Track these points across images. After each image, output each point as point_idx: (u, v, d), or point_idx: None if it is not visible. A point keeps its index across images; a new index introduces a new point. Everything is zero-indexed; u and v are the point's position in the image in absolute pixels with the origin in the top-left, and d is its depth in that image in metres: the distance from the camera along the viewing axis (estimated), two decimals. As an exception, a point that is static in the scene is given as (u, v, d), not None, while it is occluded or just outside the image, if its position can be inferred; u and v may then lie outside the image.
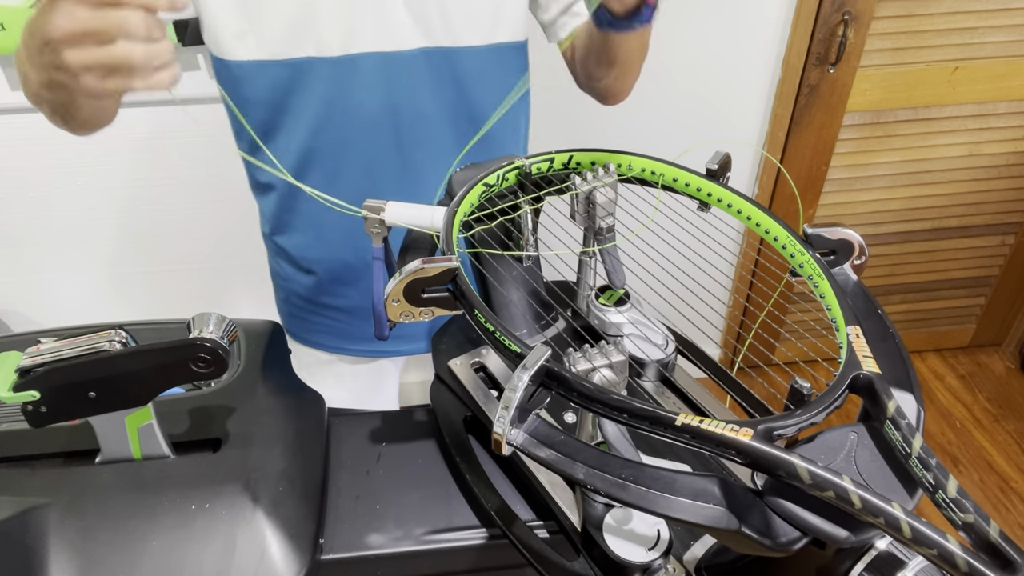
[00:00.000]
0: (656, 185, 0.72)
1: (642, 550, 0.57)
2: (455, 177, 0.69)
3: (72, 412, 0.60)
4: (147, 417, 0.63)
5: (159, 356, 0.59)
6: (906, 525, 0.38)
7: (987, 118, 1.83)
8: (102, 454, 0.64)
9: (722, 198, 0.70)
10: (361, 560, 0.64)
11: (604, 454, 0.46)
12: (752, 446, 0.41)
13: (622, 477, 0.45)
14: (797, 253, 0.64)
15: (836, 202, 1.94)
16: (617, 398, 0.44)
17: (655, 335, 0.70)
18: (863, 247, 0.63)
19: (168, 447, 0.65)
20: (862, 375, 0.49)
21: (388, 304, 0.54)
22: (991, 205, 1.98)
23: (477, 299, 0.52)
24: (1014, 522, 1.82)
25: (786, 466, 0.40)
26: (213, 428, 0.68)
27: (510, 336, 0.49)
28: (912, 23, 1.66)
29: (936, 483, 0.41)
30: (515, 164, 0.69)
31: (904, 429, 0.44)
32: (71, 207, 1.64)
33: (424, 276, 0.53)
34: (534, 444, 0.45)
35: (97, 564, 0.57)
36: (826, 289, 0.60)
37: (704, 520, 0.43)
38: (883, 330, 0.56)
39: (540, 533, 0.65)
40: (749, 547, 0.43)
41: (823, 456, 0.44)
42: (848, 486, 0.39)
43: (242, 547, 0.59)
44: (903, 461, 0.43)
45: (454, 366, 0.75)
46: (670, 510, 0.44)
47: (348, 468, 0.72)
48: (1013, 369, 2.26)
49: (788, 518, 0.42)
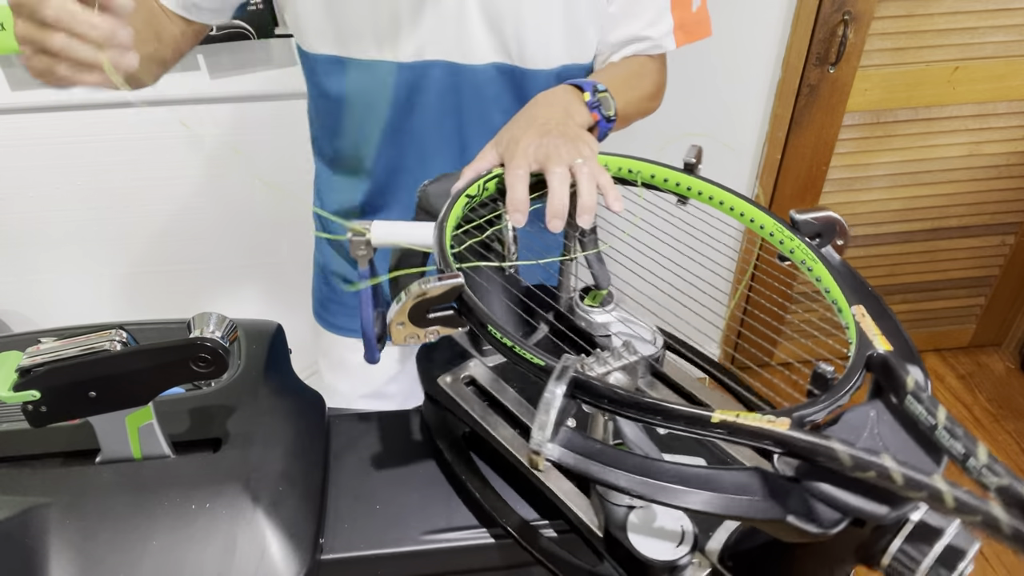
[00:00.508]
0: (636, 183, 0.72)
1: (670, 547, 0.56)
2: (430, 190, 0.67)
3: (72, 412, 0.60)
4: (147, 417, 0.63)
5: (159, 356, 0.59)
6: (950, 496, 0.38)
7: (987, 118, 1.83)
8: (102, 454, 0.64)
9: (703, 191, 0.70)
10: (361, 560, 0.64)
11: (644, 459, 0.45)
12: (791, 436, 0.42)
13: (665, 480, 0.44)
14: (786, 239, 0.64)
15: (836, 202, 1.94)
16: (650, 401, 0.44)
17: (643, 331, 0.70)
18: (845, 227, 0.64)
19: (168, 447, 0.65)
20: (876, 353, 0.50)
21: (393, 328, 0.52)
22: (991, 205, 1.98)
23: (488, 314, 0.51)
24: (1014, 522, 1.82)
25: (826, 452, 0.40)
26: (213, 428, 0.68)
27: (531, 349, 0.48)
28: (912, 23, 1.66)
29: (967, 451, 0.42)
30: (494, 173, 0.68)
31: (926, 402, 0.44)
32: (71, 207, 1.64)
33: (430, 296, 0.51)
34: (572, 457, 0.45)
35: (97, 564, 0.57)
36: (821, 272, 0.60)
37: (752, 514, 0.43)
38: (879, 307, 0.57)
39: (547, 532, 0.64)
40: (793, 534, 0.43)
41: (849, 436, 0.44)
42: (890, 464, 0.39)
43: (242, 547, 0.59)
44: (928, 433, 0.44)
45: (444, 384, 0.73)
46: (718, 508, 0.44)
47: (348, 468, 0.72)
48: (1013, 369, 2.26)
49: (828, 501, 0.42)
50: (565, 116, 0.73)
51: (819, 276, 0.60)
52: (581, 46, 0.89)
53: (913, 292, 2.15)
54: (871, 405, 0.47)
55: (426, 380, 0.74)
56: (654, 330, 0.70)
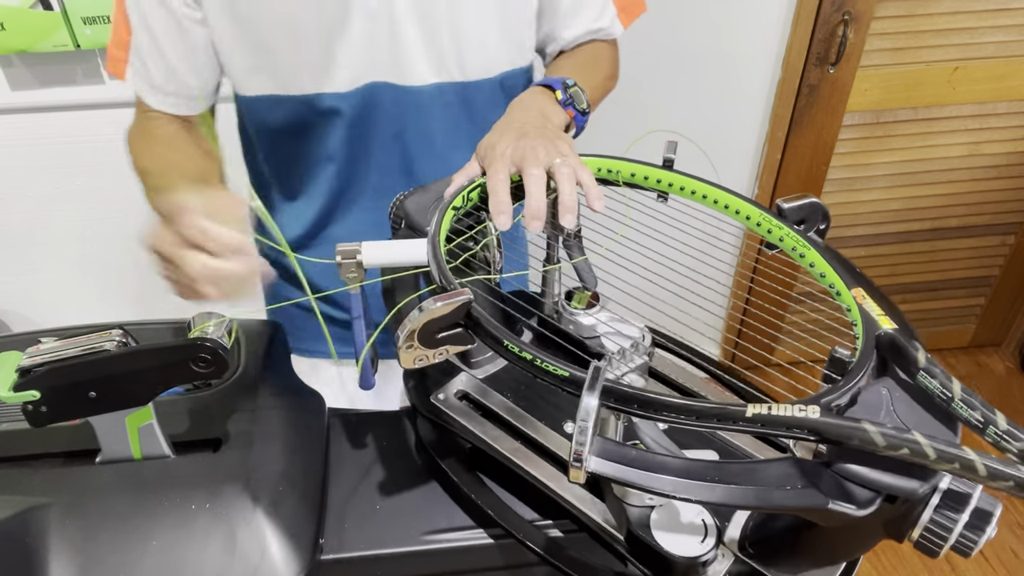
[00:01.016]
0: (618, 184, 0.72)
1: (695, 542, 0.56)
2: (408, 205, 0.66)
3: (72, 412, 0.60)
4: (147, 417, 0.63)
5: (159, 356, 0.59)
6: (981, 465, 0.39)
7: (987, 118, 1.83)
8: (102, 454, 0.64)
9: (684, 186, 0.69)
10: (361, 560, 0.64)
11: (683, 461, 0.45)
12: (824, 421, 0.42)
13: (707, 480, 0.44)
14: (774, 228, 0.64)
15: (836, 202, 1.94)
16: (681, 402, 0.44)
17: (631, 330, 0.70)
18: (826, 212, 0.65)
19: (169, 447, 0.65)
20: (883, 333, 0.51)
21: (402, 352, 0.50)
22: (991, 205, 1.98)
23: (503, 329, 0.50)
24: (1014, 522, 1.82)
25: (860, 434, 0.41)
26: (213, 428, 0.68)
27: (554, 360, 0.47)
28: (912, 23, 1.66)
29: (985, 419, 0.43)
30: (478, 182, 0.67)
31: (940, 376, 0.45)
32: (71, 207, 1.64)
33: (440, 315, 0.50)
34: (611, 467, 0.45)
35: (97, 564, 0.57)
36: (815, 257, 0.60)
37: (796, 503, 0.43)
38: (872, 288, 0.57)
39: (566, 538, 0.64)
40: (832, 518, 0.44)
41: (869, 415, 0.45)
42: (922, 440, 0.40)
43: (242, 547, 0.59)
44: (945, 405, 0.45)
45: (439, 401, 0.71)
46: (763, 502, 0.44)
47: (348, 468, 0.72)
48: (1013, 369, 2.26)
49: (862, 482, 0.43)
50: (541, 118, 0.73)
51: (812, 262, 0.61)
52: (520, 50, 0.90)
53: (913, 292, 2.15)
54: (881, 383, 0.48)
55: (420, 400, 0.71)
56: (642, 328, 0.70)
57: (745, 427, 0.43)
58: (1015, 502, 1.87)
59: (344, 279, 0.60)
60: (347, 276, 0.60)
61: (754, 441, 0.67)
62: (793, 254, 0.63)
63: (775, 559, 0.56)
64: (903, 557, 1.73)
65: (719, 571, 0.56)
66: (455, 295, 0.50)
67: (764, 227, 0.65)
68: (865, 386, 0.48)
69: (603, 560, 0.61)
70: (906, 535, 0.44)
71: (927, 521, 0.42)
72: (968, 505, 0.42)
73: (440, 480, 0.70)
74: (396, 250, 0.59)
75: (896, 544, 0.50)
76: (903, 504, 0.43)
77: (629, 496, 0.58)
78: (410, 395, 0.72)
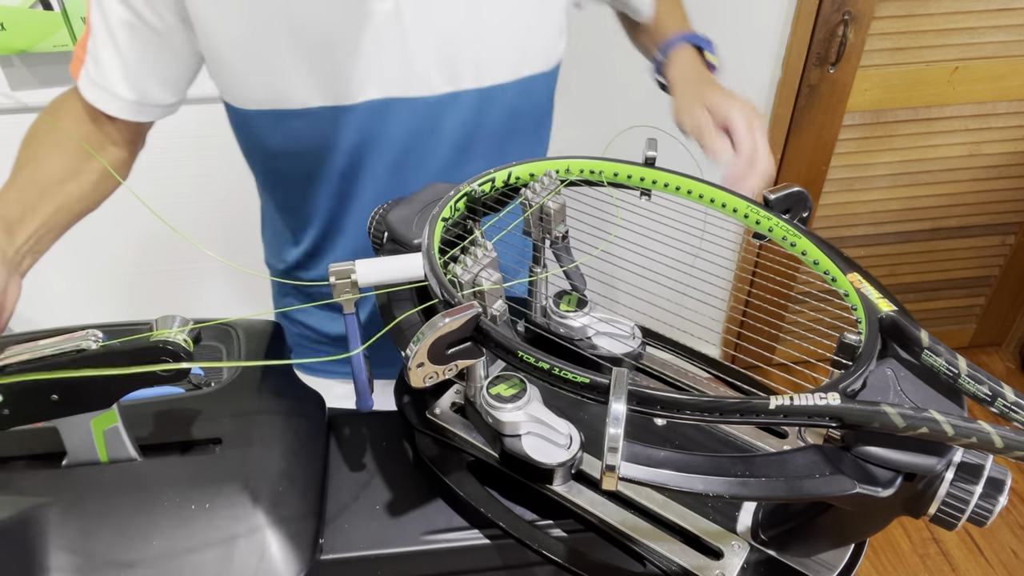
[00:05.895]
0: (602, 184, 0.72)
1: (561, 451, 0.58)
2: (391, 219, 0.64)
3: (36, 415, 0.59)
4: (112, 420, 0.62)
5: (120, 359, 0.57)
6: (997, 438, 0.40)
7: (987, 118, 1.83)
8: (68, 457, 0.63)
9: (668, 182, 0.69)
10: (361, 560, 0.64)
11: (711, 459, 0.45)
12: (846, 407, 0.43)
13: (738, 475, 0.45)
14: (762, 218, 0.64)
15: (836, 202, 1.94)
16: (707, 400, 0.44)
17: (621, 329, 0.70)
18: (809, 201, 0.66)
19: (135, 450, 0.64)
20: (884, 316, 0.51)
21: (412, 372, 0.49)
22: (991, 205, 1.98)
23: (516, 340, 0.49)
24: (1014, 522, 1.82)
25: (880, 417, 0.42)
26: (213, 428, 0.68)
27: (572, 368, 0.47)
28: (912, 23, 1.66)
29: (993, 392, 0.44)
30: (463, 191, 0.66)
31: (945, 354, 0.47)
32: (71, 207, 1.63)
33: (451, 330, 0.49)
34: (642, 471, 0.45)
35: (97, 564, 0.57)
36: (806, 245, 0.61)
37: (825, 491, 0.44)
38: (866, 273, 0.58)
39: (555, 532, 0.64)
40: (855, 502, 0.44)
41: (880, 397, 0.46)
42: (940, 418, 0.41)
43: (242, 547, 0.59)
44: (952, 381, 0.46)
45: (436, 416, 0.70)
46: (794, 492, 0.44)
47: (348, 468, 0.72)
48: (1013, 369, 2.26)
49: (883, 463, 0.43)
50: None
51: (804, 250, 0.61)
52: (541, 53, 0.86)
53: (913, 292, 2.15)
54: (885, 365, 0.49)
55: (416, 415, 0.70)
56: (632, 327, 0.70)
57: (768, 419, 0.44)
58: (1016, 502, 1.87)
59: (338, 298, 0.59)
60: (342, 296, 0.58)
61: (757, 431, 0.67)
62: (784, 243, 0.63)
63: (790, 544, 0.56)
64: (903, 557, 1.73)
65: (735, 564, 0.56)
66: (463, 309, 0.49)
67: (752, 218, 0.65)
68: (872, 369, 0.48)
69: (606, 558, 0.61)
70: (924, 511, 0.45)
71: (944, 495, 0.43)
72: (982, 476, 0.43)
73: (442, 493, 0.69)
74: (391, 266, 0.58)
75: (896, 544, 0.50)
76: (921, 481, 0.44)
77: (504, 427, 0.60)
78: (406, 412, 0.71)
